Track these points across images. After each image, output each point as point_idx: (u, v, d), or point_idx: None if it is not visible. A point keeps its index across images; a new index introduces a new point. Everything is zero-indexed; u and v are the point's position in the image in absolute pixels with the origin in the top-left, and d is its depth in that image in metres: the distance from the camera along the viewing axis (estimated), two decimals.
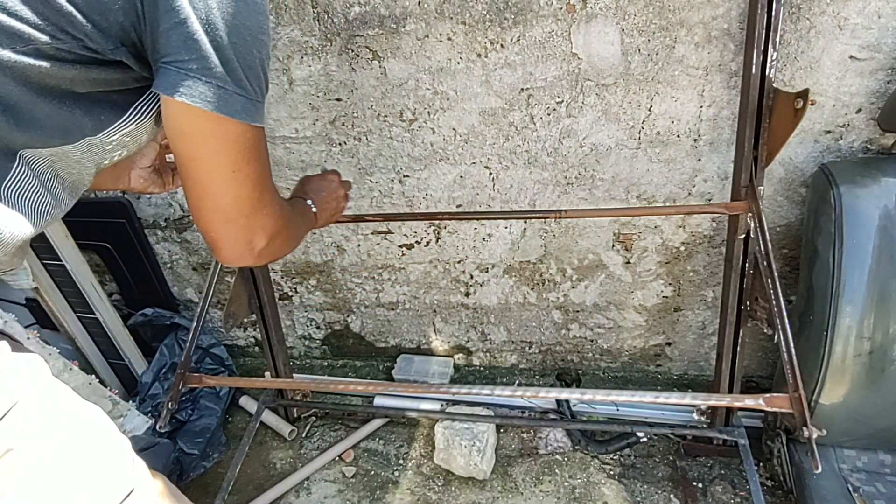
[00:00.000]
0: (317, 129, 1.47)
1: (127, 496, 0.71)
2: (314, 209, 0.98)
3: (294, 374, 1.76)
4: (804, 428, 0.91)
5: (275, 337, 1.59)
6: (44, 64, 0.56)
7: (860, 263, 1.12)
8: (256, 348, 2.03)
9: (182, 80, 0.56)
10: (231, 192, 0.64)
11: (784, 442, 1.36)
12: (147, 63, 0.60)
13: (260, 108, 0.62)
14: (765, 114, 1.10)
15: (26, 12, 0.53)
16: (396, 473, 1.60)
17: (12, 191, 0.60)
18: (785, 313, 1.01)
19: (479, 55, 1.29)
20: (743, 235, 1.20)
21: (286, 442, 1.72)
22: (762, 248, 1.09)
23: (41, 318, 1.77)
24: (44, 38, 0.54)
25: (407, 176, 1.51)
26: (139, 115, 0.66)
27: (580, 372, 1.80)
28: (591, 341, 1.73)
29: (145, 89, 0.64)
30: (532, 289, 1.66)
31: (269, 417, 1.74)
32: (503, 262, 1.62)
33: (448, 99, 1.36)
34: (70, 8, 0.54)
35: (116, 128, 0.65)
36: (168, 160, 1.05)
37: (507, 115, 1.36)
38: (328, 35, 1.32)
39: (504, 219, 1.52)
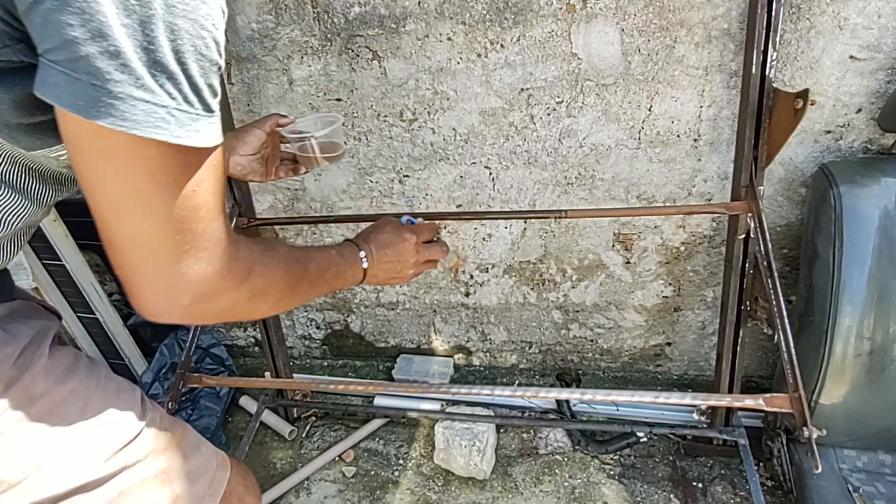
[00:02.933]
0: None
1: (134, 438, 0.71)
2: (365, 264, 0.81)
3: (294, 374, 1.76)
4: (804, 428, 0.91)
5: (275, 337, 1.59)
6: None
7: (860, 263, 1.12)
8: (256, 348, 2.03)
9: (47, 74, 0.42)
10: (128, 226, 0.48)
11: (784, 442, 1.35)
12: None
13: (186, 120, 0.45)
14: (765, 114, 1.10)
15: None
16: (396, 473, 1.60)
17: None
18: (785, 313, 1.01)
19: (479, 55, 1.29)
20: (743, 235, 1.20)
21: (286, 442, 1.72)
22: (762, 248, 1.09)
23: None
24: None
25: (407, 176, 1.51)
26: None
27: (580, 372, 1.80)
28: (591, 341, 1.73)
29: None
30: (532, 289, 1.66)
31: (269, 417, 1.74)
32: (503, 262, 1.62)
33: (448, 99, 1.36)
34: None
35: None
36: (283, 149, 1.02)
37: (507, 115, 1.36)
38: (328, 35, 1.33)
39: (504, 219, 1.52)
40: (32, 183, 0.59)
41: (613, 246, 1.52)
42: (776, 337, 1.01)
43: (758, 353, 1.61)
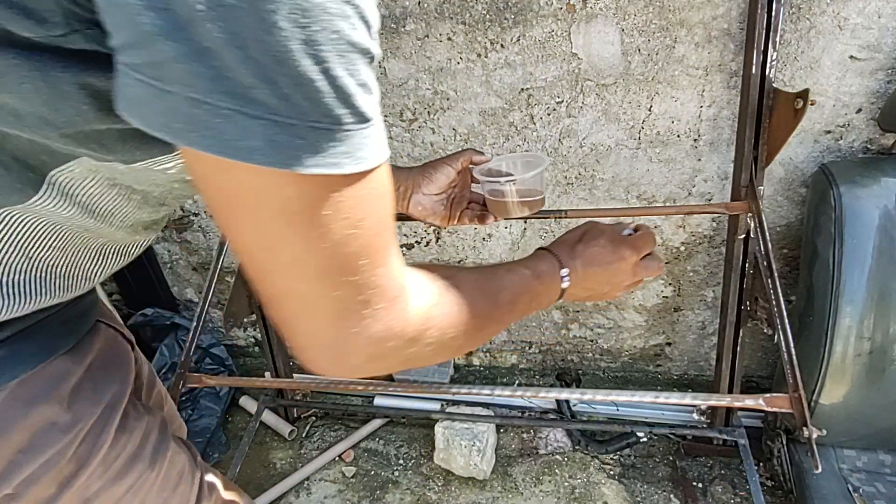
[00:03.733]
0: None
1: None
2: (565, 284, 0.64)
3: (294, 374, 1.76)
4: (804, 428, 0.91)
5: (275, 337, 1.59)
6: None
7: (860, 263, 1.12)
8: (256, 348, 2.03)
9: (137, 89, 0.30)
10: (276, 281, 0.38)
11: (784, 442, 1.35)
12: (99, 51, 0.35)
13: (327, 139, 0.32)
14: (765, 114, 1.10)
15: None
16: (396, 473, 1.60)
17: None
18: (785, 313, 1.01)
19: (479, 55, 1.28)
20: (743, 235, 1.20)
21: (286, 442, 1.72)
22: (762, 248, 1.09)
23: None
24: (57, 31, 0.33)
25: None
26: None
27: (580, 372, 1.80)
28: (591, 341, 1.73)
29: None
30: None
31: (269, 417, 1.74)
32: (503, 262, 1.62)
33: (448, 99, 1.36)
34: None
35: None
36: (474, 190, 0.86)
37: (507, 115, 1.36)
38: None
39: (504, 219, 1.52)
40: (130, 207, 0.49)
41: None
42: (776, 337, 1.01)
43: (758, 353, 1.61)
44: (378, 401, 1.75)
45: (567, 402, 1.65)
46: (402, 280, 0.43)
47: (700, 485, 1.46)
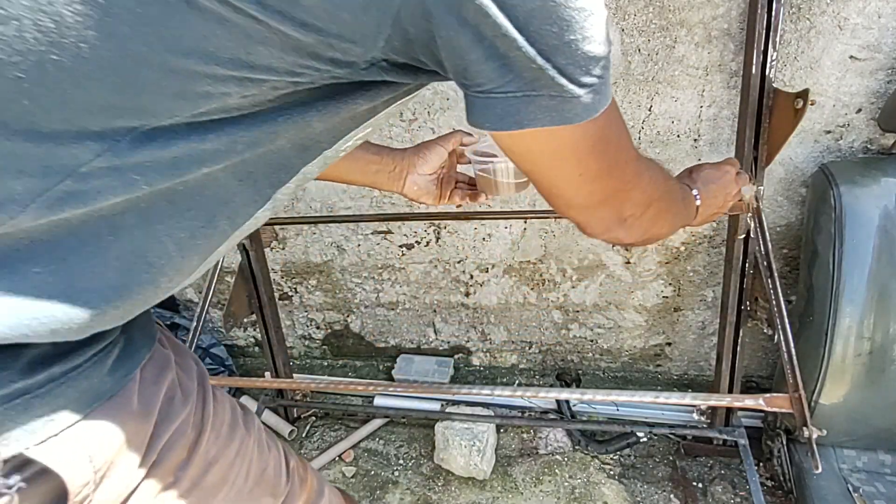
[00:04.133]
0: None
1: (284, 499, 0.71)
2: (698, 202, 0.78)
3: (294, 374, 1.76)
4: (804, 428, 0.92)
5: (275, 337, 1.59)
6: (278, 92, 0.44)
7: (860, 263, 1.12)
8: (256, 348, 2.03)
9: (507, 107, 0.43)
10: (582, 191, 0.54)
11: (784, 442, 1.36)
12: (410, 70, 0.46)
13: (604, 90, 0.45)
14: (765, 114, 1.10)
15: (263, 53, 0.41)
16: (396, 473, 1.60)
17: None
18: (785, 313, 1.01)
19: None
20: (743, 235, 1.20)
21: (286, 442, 1.72)
22: (762, 248, 1.09)
23: None
24: (276, 78, 0.42)
25: None
26: (383, 116, 0.58)
27: (580, 372, 1.80)
28: (591, 341, 1.73)
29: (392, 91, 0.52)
30: (532, 289, 1.66)
31: (269, 417, 1.74)
32: (503, 262, 1.62)
33: (448, 99, 1.36)
34: (313, 38, 0.40)
35: (353, 134, 0.56)
36: (460, 170, 0.92)
37: None
38: None
39: (504, 219, 1.52)
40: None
41: (613, 246, 1.52)
42: (776, 337, 1.01)
43: (758, 353, 1.61)
44: (378, 401, 1.75)
45: (567, 402, 1.65)
46: (643, 160, 0.59)
47: (700, 485, 1.46)
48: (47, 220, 0.42)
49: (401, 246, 1.65)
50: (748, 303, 1.24)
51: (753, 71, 1.08)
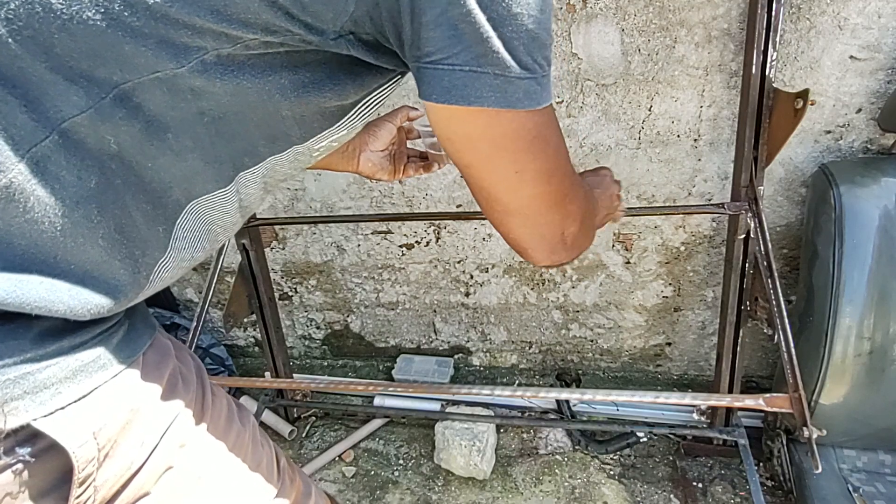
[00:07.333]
0: None
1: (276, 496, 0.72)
2: None
3: (294, 374, 1.76)
4: (804, 428, 0.92)
5: (275, 337, 1.59)
6: (253, 65, 0.46)
7: (860, 263, 1.12)
8: (256, 348, 2.03)
9: (454, 80, 0.44)
10: (521, 194, 0.53)
11: (784, 442, 1.36)
12: (374, 48, 0.48)
13: (546, 85, 0.47)
14: (765, 114, 1.10)
15: (240, 5, 0.43)
16: (396, 473, 1.60)
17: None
18: (785, 313, 1.01)
19: None
20: (743, 235, 1.20)
21: (286, 442, 1.72)
22: (762, 248, 1.09)
23: None
24: (251, 35, 0.44)
25: None
26: (355, 118, 0.57)
27: (580, 372, 1.80)
28: (591, 341, 1.73)
29: (367, 87, 0.53)
30: (532, 289, 1.66)
31: (269, 417, 1.74)
32: (503, 261, 1.62)
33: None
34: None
35: (326, 135, 0.56)
36: (408, 146, 0.94)
37: None
38: None
39: None
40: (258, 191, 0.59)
41: (613, 246, 1.52)
42: (776, 337, 1.01)
43: (758, 353, 1.61)
44: (378, 401, 1.75)
45: (567, 402, 1.65)
46: (576, 174, 0.59)
47: (700, 485, 1.46)
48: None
49: (401, 246, 1.65)
50: (748, 303, 1.24)
51: (753, 71, 1.08)
